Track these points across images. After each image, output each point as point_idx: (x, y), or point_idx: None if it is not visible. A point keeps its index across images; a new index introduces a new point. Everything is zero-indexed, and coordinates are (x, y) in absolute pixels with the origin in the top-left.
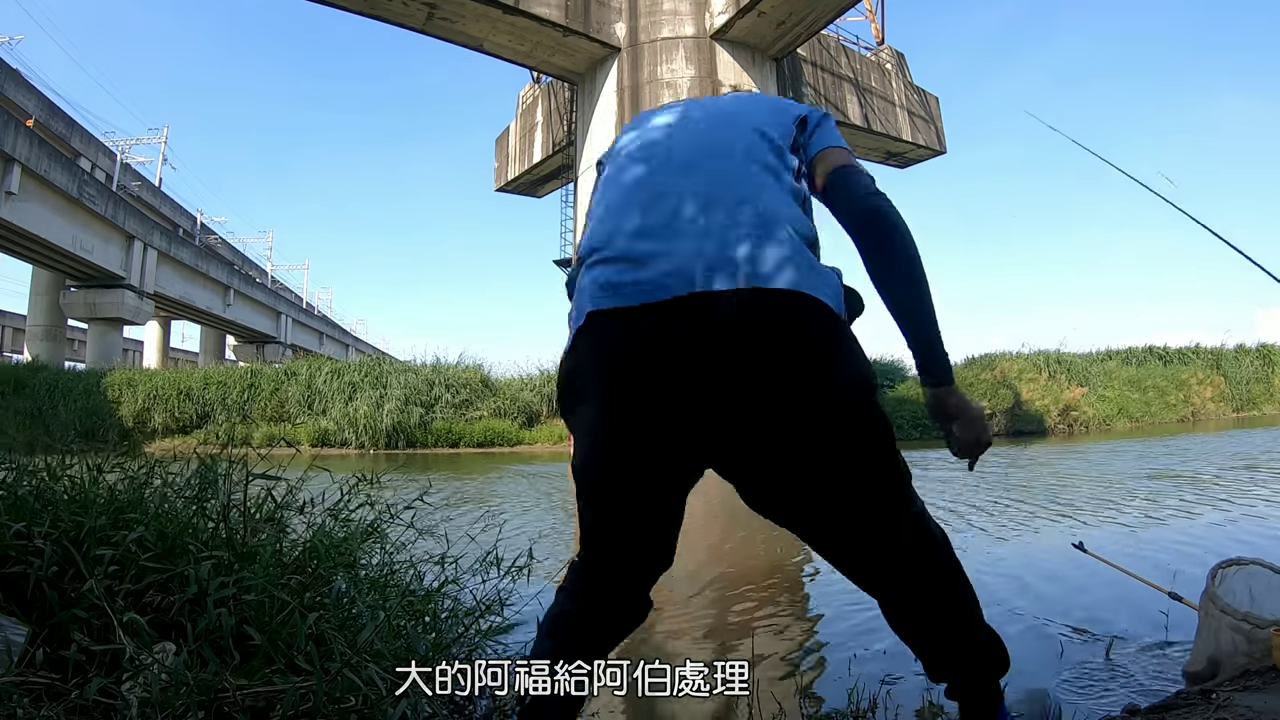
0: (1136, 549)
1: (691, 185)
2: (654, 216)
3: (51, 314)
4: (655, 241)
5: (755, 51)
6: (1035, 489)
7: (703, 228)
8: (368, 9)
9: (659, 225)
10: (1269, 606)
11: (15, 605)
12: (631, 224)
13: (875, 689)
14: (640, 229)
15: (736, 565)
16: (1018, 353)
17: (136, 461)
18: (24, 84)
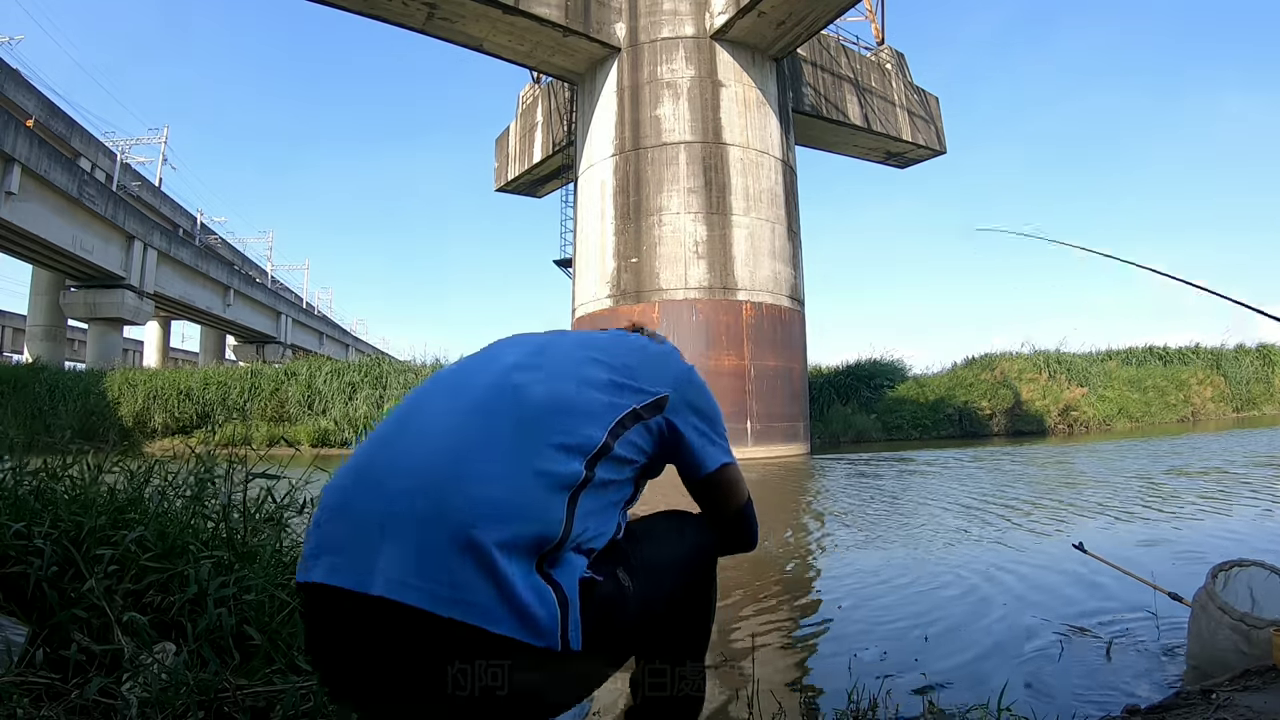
0: (1137, 549)
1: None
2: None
3: (51, 314)
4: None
5: (755, 51)
6: (1036, 489)
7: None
8: (367, 9)
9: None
10: (1269, 608)
11: (15, 605)
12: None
13: (875, 689)
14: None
15: (736, 566)
16: (1018, 353)
17: (136, 461)
18: (24, 84)
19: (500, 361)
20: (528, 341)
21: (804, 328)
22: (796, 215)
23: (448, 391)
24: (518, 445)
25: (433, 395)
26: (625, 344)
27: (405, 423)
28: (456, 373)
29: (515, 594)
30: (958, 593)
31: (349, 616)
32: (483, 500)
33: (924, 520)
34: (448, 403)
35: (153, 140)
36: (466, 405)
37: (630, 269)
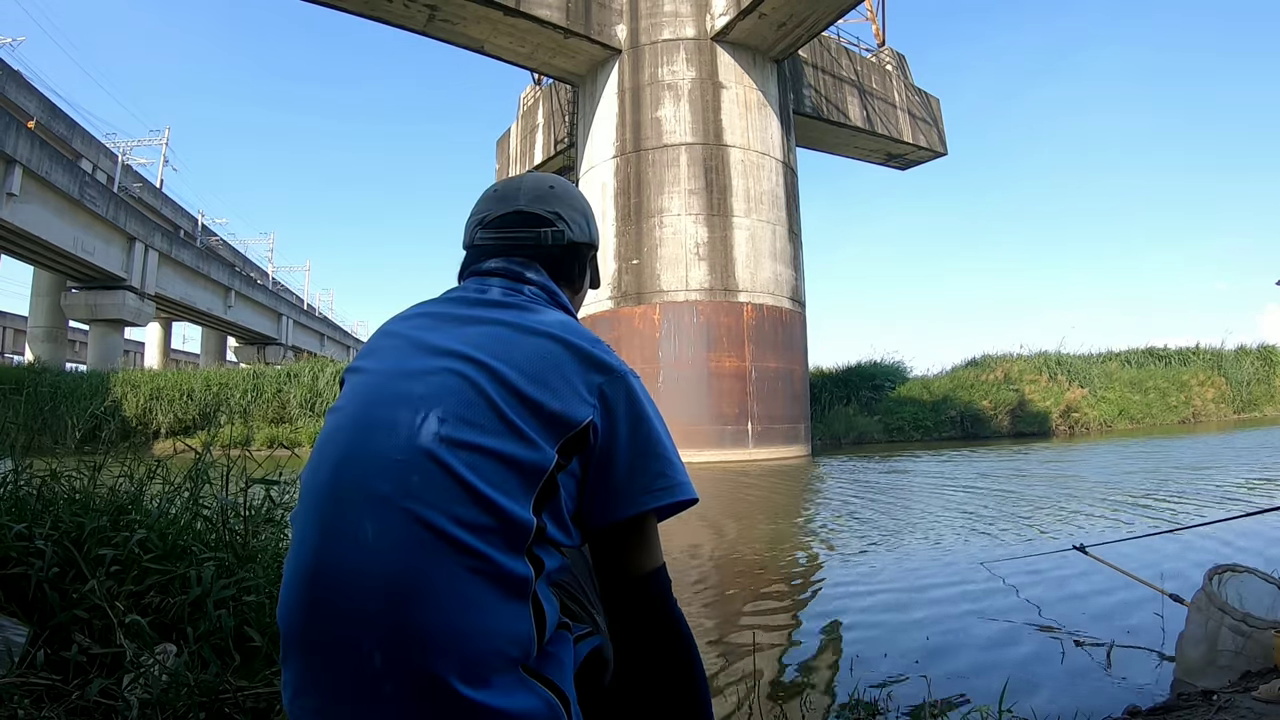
0: (1137, 551)
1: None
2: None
3: (53, 315)
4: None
5: (756, 53)
6: (1038, 490)
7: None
8: (368, 10)
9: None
10: (1259, 613)
11: (16, 606)
12: None
13: (876, 690)
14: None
15: (737, 566)
16: (1018, 354)
17: (138, 463)
18: (25, 85)
19: (405, 419)
20: (422, 371)
21: (805, 329)
22: (797, 217)
23: (360, 466)
24: (444, 560)
25: (348, 467)
26: (540, 348)
27: (327, 521)
28: (362, 426)
29: (504, 713)
30: (958, 595)
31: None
32: (442, 640)
33: (924, 522)
34: (363, 492)
35: (154, 142)
36: (385, 503)
37: (631, 270)
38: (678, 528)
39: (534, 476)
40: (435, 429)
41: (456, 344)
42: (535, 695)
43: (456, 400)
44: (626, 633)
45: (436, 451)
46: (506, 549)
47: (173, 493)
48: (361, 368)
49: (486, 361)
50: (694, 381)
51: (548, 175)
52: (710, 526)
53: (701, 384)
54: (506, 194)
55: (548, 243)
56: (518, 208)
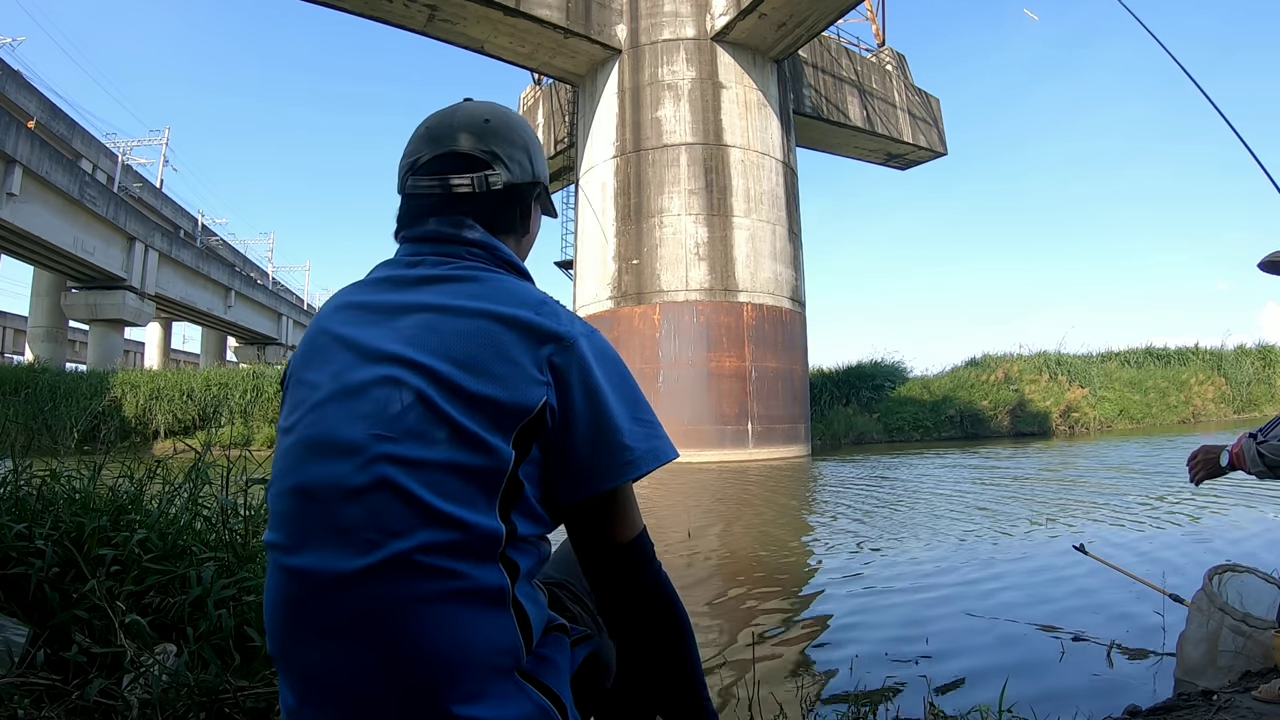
0: (1137, 551)
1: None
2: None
3: (53, 315)
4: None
5: (756, 53)
6: (1036, 490)
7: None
8: (368, 10)
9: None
10: (1256, 613)
11: (16, 606)
12: None
13: (876, 690)
14: None
15: (737, 566)
16: (1018, 354)
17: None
18: (25, 85)
19: (354, 440)
20: (362, 384)
21: (805, 329)
22: (797, 217)
23: (320, 497)
24: (411, 583)
25: (308, 500)
26: (478, 331)
27: (295, 555)
28: (315, 450)
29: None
30: (958, 594)
31: None
32: (428, 663)
33: (924, 522)
34: (327, 523)
35: (154, 142)
36: (349, 534)
37: (631, 270)
38: (678, 527)
39: (494, 481)
40: (386, 450)
41: (391, 344)
42: (530, 701)
43: (401, 414)
44: (612, 601)
45: (390, 475)
46: (478, 561)
47: (173, 493)
48: (304, 380)
49: (424, 362)
50: (694, 381)
51: (483, 106)
52: (710, 526)
53: (701, 384)
54: (439, 133)
55: (484, 190)
56: (452, 149)
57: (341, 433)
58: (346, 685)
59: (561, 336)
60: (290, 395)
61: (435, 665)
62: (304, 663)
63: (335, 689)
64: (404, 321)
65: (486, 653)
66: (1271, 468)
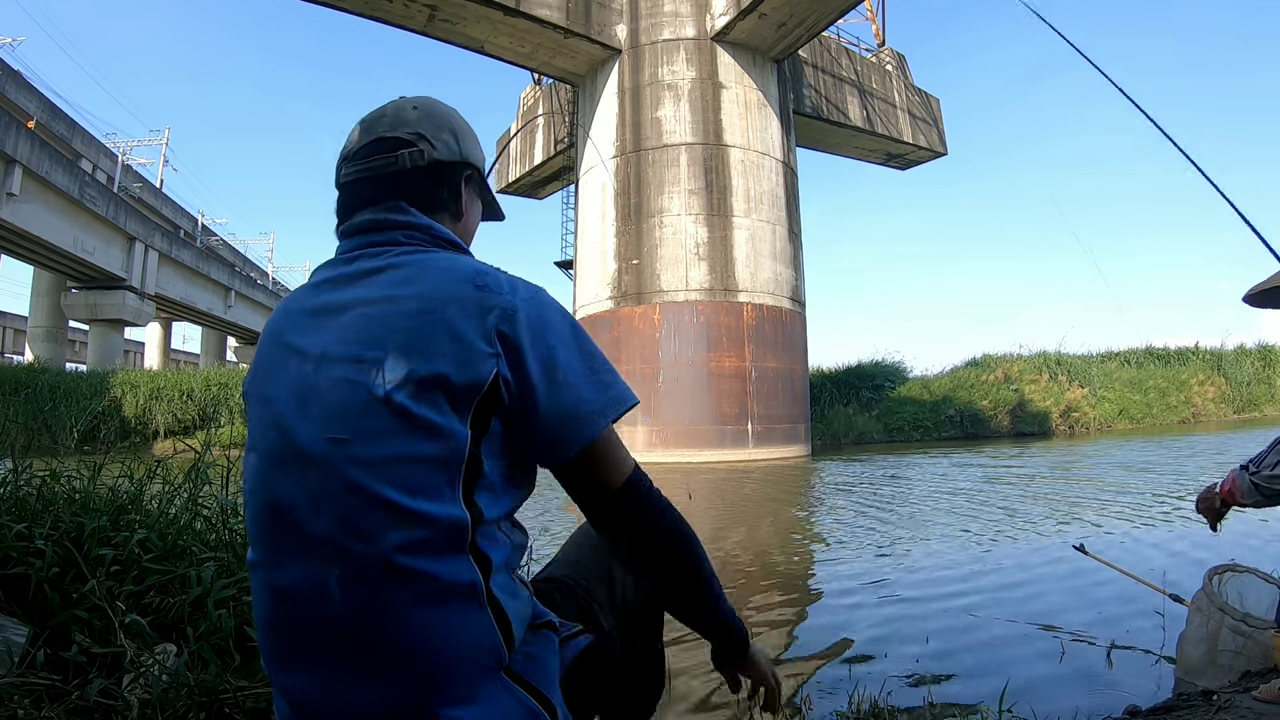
0: (1137, 550)
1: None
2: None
3: (52, 315)
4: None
5: (756, 53)
6: (1038, 488)
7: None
8: (368, 10)
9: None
10: (1256, 613)
11: (16, 606)
12: None
13: (876, 692)
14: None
15: (737, 566)
16: (1018, 354)
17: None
18: (25, 85)
19: (314, 450)
20: (316, 390)
21: (805, 329)
22: (797, 217)
23: (290, 512)
24: (379, 585)
25: (279, 516)
26: (418, 314)
27: (274, 572)
28: (280, 465)
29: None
30: (958, 594)
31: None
32: (412, 667)
33: (923, 522)
34: (301, 539)
35: (154, 142)
36: (323, 546)
37: (631, 270)
38: None
39: (454, 465)
40: (345, 453)
41: (336, 345)
42: (518, 703)
43: (354, 414)
44: (621, 543)
45: (353, 478)
46: (448, 555)
47: (173, 493)
48: (261, 395)
49: (369, 356)
50: (694, 381)
51: (413, 98)
52: (710, 527)
53: (701, 384)
54: (368, 123)
55: (406, 166)
56: (377, 135)
57: (302, 443)
58: (340, 702)
59: (505, 306)
60: (251, 412)
61: (421, 671)
62: (296, 682)
63: (328, 706)
64: (346, 318)
65: (468, 652)
66: (1269, 496)
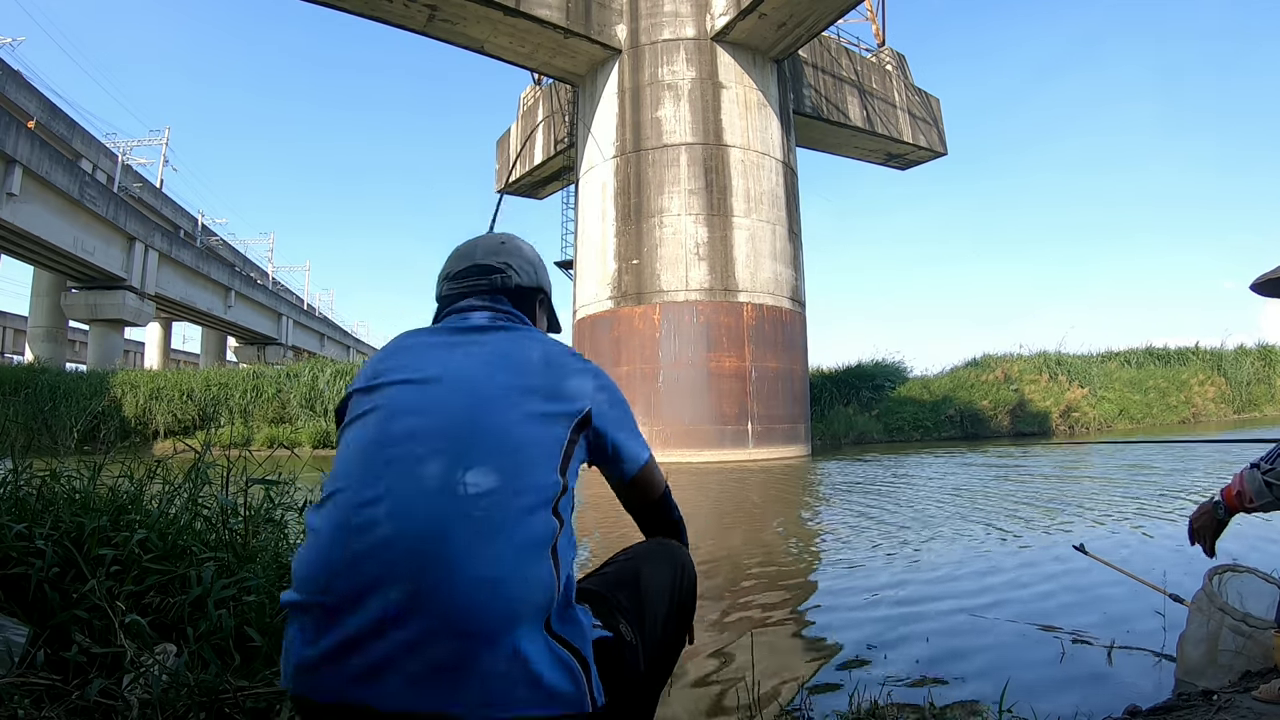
0: (1137, 550)
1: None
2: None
3: (53, 315)
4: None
5: (756, 53)
6: (1036, 490)
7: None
8: (368, 10)
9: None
10: (1256, 613)
11: (16, 606)
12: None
13: (876, 692)
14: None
15: (739, 566)
16: (1018, 354)
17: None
18: (25, 85)
19: (437, 411)
20: (445, 374)
21: (805, 329)
22: (798, 217)
23: (400, 460)
24: (492, 514)
25: (384, 460)
26: (538, 358)
27: (366, 501)
28: (390, 424)
29: (538, 674)
30: (958, 595)
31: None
32: (481, 585)
33: (923, 522)
34: (407, 480)
35: (154, 142)
36: (428, 480)
37: (631, 270)
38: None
39: (557, 448)
40: (510, 414)
41: (474, 363)
42: (553, 653)
43: (506, 395)
44: (650, 528)
45: (511, 429)
46: (542, 507)
47: (173, 493)
48: (424, 378)
49: (503, 369)
50: (694, 381)
51: (501, 234)
52: (710, 527)
53: (701, 384)
54: (466, 252)
55: (499, 286)
56: (474, 261)
57: (419, 411)
58: (392, 604)
59: (590, 370)
60: (396, 390)
61: (482, 580)
62: (375, 601)
63: (376, 612)
64: (483, 353)
65: (530, 588)
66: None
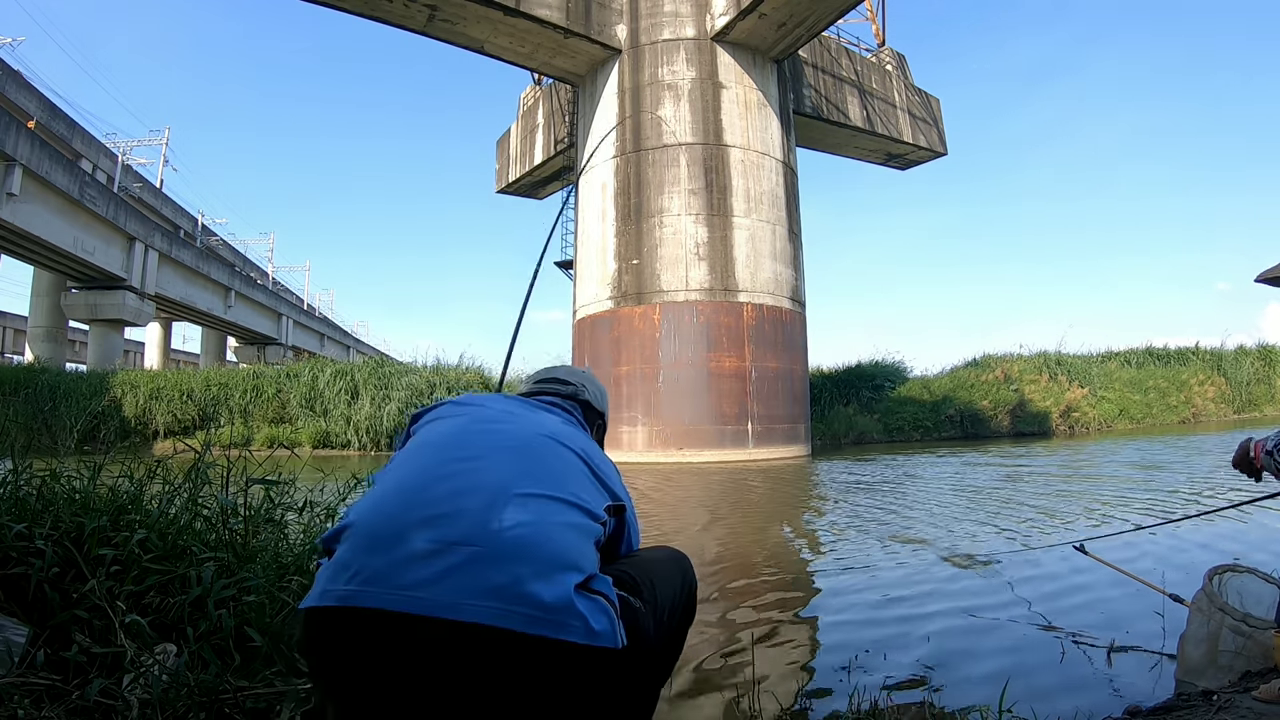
0: (1137, 551)
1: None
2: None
3: (53, 315)
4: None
5: (756, 53)
6: (1038, 489)
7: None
8: (368, 10)
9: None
10: (1255, 613)
11: (16, 606)
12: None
13: (876, 693)
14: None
15: (739, 567)
16: (1018, 354)
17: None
18: (25, 85)
19: (512, 427)
20: (519, 414)
21: (805, 329)
22: (797, 217)
23: (478, 439)
24: (550, 499)
25: (462, 442)
26: (594, 446)
27: (443, 461)
28: (470, 426)
29: (582, 611)
30: (958, 595)
31: (407, 642)
32: (539, 532)
33: (923, 522)
34: (483, 459)
35: (154, 142)
36: (499, 467)
37: (631, 270)
38: (679, 527)
39: (600, 503)
40: (566, 460)
41: (547, 419)
42: (592, 601)
43: (567, 448)
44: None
45: (575, 462)
46: (590, 521)
47: (173, 493)
48: (502, 412)
49: (567, 436)
50: (694, 381)
51: (573, 367)
52: (710, 527)
53: (701, 384)
54: (552, 372)
55: (573, 395)
56: (556, 376)
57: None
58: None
59: (621, 495)
60: (453, 421)
61: (554, 544)
62: (425, 537)
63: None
64: (547, 418)
65: (578, 555)
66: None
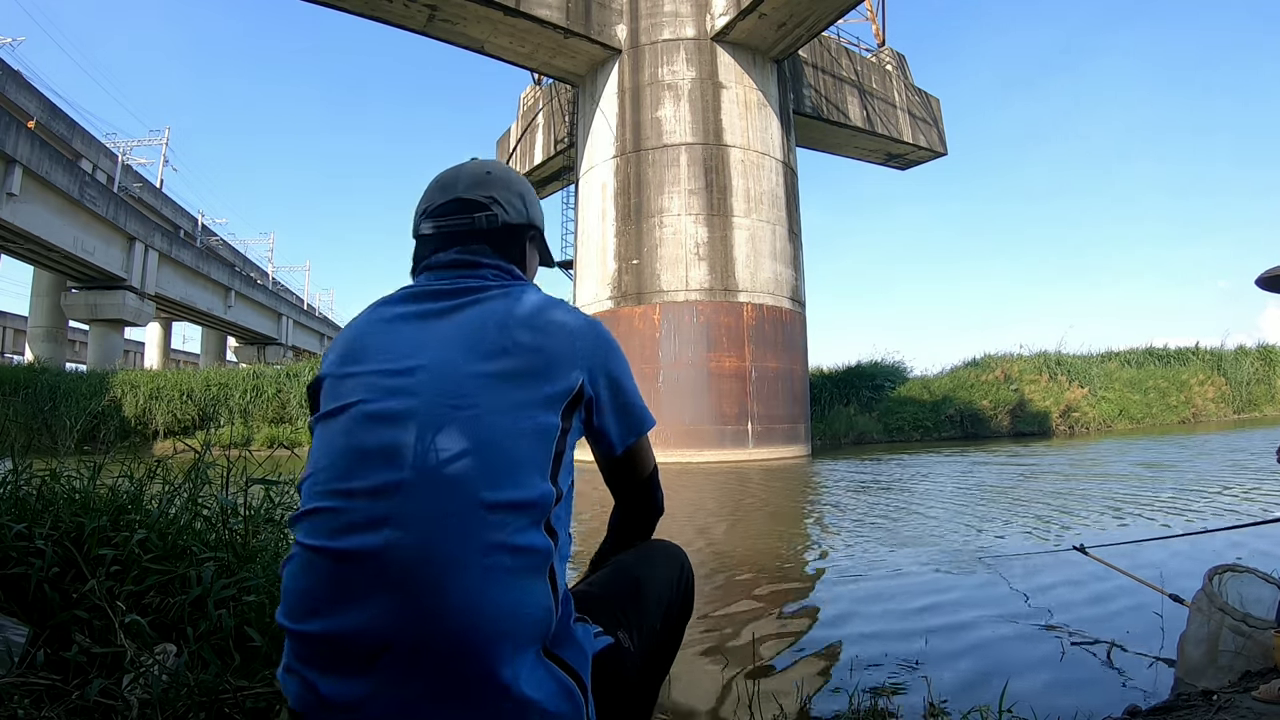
0: (1137, 551)
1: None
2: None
3: (52, 315)
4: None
5: (756, 53)
6: (1038, 489)
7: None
8: (368, 10)
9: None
10: (1255, 613)
11: (16, 606)
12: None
13: (876, 691)
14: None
15: (739, 566)
16: (1018, 354)
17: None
18: (25, 85)
19: (412, 418)
20: (419, 365)
21: (805, 329)
22: (797, 217)
23: (367, 460)
24: (480, 540)
25: (349, 463)
26: (520, 328)
27: (345, 526)
28: (366, 433)
29: (537, 701)
30: (958, 595)
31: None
32: (473, 615)
33: (923, 523)
34: (374, 481)
35: (154, 142)
36: (412, 502)
37: (631, 270)
38: (679, 528)
39: (548, 448)
40: (492, 417)
41: (449, 351)
42: (553, 678)
43: (485, 389)
44: (629, 510)
45: (495, 437)
46: (533, 527)
47: (173, 493)
48: (398, 369)
49: (481, 355)
50: (694, 381)
51: (487, 161)
52: (710, 527)
53: (701, 384)
54: (446, 183)
55: (483, 226)
56: (456, 195)
57: (443, 413)
58: (385, 635)
59: (584, 330)
60: (356, 381)
61: (478, 620)
62: (348, 621)
63: (365, 642)
64: (446, 324)
65: (527, 617)
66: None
